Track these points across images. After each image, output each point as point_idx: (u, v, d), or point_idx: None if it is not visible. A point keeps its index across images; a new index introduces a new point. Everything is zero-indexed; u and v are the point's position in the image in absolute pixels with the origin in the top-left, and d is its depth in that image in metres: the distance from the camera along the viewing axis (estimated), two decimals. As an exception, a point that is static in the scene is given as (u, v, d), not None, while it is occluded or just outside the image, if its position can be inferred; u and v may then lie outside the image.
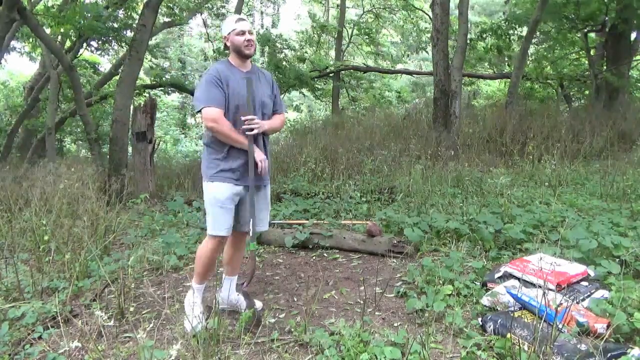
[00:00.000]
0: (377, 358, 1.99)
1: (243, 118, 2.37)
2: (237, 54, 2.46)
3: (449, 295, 2.60)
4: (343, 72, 14.94)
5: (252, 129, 2.36)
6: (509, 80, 10.86)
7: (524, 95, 12.77)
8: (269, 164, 2.54)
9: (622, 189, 4.79)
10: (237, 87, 2.39)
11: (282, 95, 15.09)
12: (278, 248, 3.95)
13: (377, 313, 2.58)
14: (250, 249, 2.50)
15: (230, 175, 2.39)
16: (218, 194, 2.39)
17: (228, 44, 2.47)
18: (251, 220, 2.45)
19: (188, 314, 2.39)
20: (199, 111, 2.37)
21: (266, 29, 16.25)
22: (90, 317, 2.55)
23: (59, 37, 9.69)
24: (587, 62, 11.73)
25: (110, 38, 9.89)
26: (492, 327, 2.20)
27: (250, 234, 2.47)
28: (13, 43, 10.83)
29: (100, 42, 10.55)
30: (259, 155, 2.41)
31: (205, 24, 14.89)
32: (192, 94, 2.35)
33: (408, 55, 19.91)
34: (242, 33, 2.41)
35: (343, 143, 7.71)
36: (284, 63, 13.48)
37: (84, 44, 10.38)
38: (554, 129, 7.89)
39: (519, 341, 1.98)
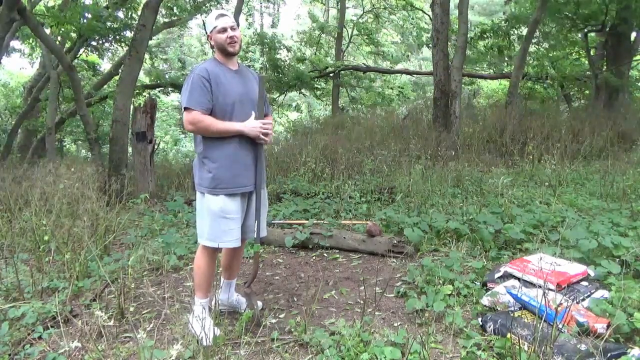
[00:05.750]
0: (377, 358, 1.99)
1: (262, 123, 2.30)
2: (222, 52, 2.33)
3: (449, 295, 2.60)
4: (343, 72, 14.95)
5: (267, 134, 2.30)
6: (509, 79, 10.87)
7: (524, 95, 12.78)
8: (263, 170, 2.45)
9: (622, 189, 4.79)
10: (229, 86, 2.27)
11: (283, 96, 15.13)
12: (278, 248, 3.95)
13: (377, 313, 2.58)
14: (255, 250, 2.47)
15: (234, 184, 2.28)
16: (225, 207, 2.27)
17: (212, 42, 2.35)
18: (257, 222, 2.39)
19: (199, 332, 2.17)
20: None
21: (263, 31, 16.28)
22: (90, 317, 2.54)
23: (59, 37, 9.69)
24: (587, 62, 11.74)
25: (110, 38, 9.90)
26: (492, 327, 2.20)
27: (256, 236, 2.41)
28: (13, 43, 10.83)
29: (99, 43, 10.55)
30: (254, 123, 2.28)
31: (205, 25, 14.87)
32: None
33: (408, 56, 19.94)
34: (224, 30, 2.29)
35: (343, 143, 7.71)
36: (283, 63, 13.49)
37: (84, 44, 10.38)
38: (554, 129, 7.89)
39: (519, 341, 1.98)
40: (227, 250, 2.52)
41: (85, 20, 8.31)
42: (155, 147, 6.42)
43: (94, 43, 10.56)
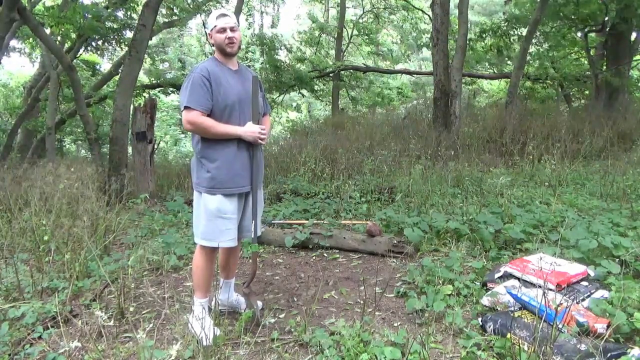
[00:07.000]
0: (377, 358, 1.99)
1: (260, 128, 2.30)
2: (220, 52, 2.33)
3: (449, 295, 2.60)
4: (343, 72, 14.95)
5: (263, 138, 2.30)
6: (509, 79, 10.87)
7: (524, 95, 12.78)
8: (261, 170, 2.46)
9: (622, 189, 4.79)
10: (228, 86, 2.27)
11: (282, 96, 15.13)
12: (278, 248, 3.95)
13: (377, 313, 2.58)
14: (253, 250, 2.47)
15: (231, 184, 2.28)
16: (222, 206, 2.27)
17: (212, 41, 2.34)
18: (254, 222, 2.40)
19: (199, 332, 2.18)
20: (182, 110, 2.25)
21: (262, 32, 16.29)
22: (90, 317, 2.55)
23: (59, 37, 9.69)
24: (587, 62, 11.74)
25: (110, 38, 9.90)
26: (492, 327, 2.20)
27: (253, 236, 2.42)
28: (13, 43, 10.83)
29: (99, 43, 10.55)
30: (252, 128, 2.28)
31: (205, 25, 14.90)
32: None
33: (408, 56, 19.94)
34: (223, 30, 2.27)
35: (343, 143, 7.71)
36: (283, 64, 13.49)
37: (84, 44, 10.38)
38: (554, 129, 7.89)
39: (519, 341, 1.98)
40: (223, 250, 2.51)
41: (84, 20, 8.30)
42: (155, 147, 6.41)
43: (94, 43, 10.55)
